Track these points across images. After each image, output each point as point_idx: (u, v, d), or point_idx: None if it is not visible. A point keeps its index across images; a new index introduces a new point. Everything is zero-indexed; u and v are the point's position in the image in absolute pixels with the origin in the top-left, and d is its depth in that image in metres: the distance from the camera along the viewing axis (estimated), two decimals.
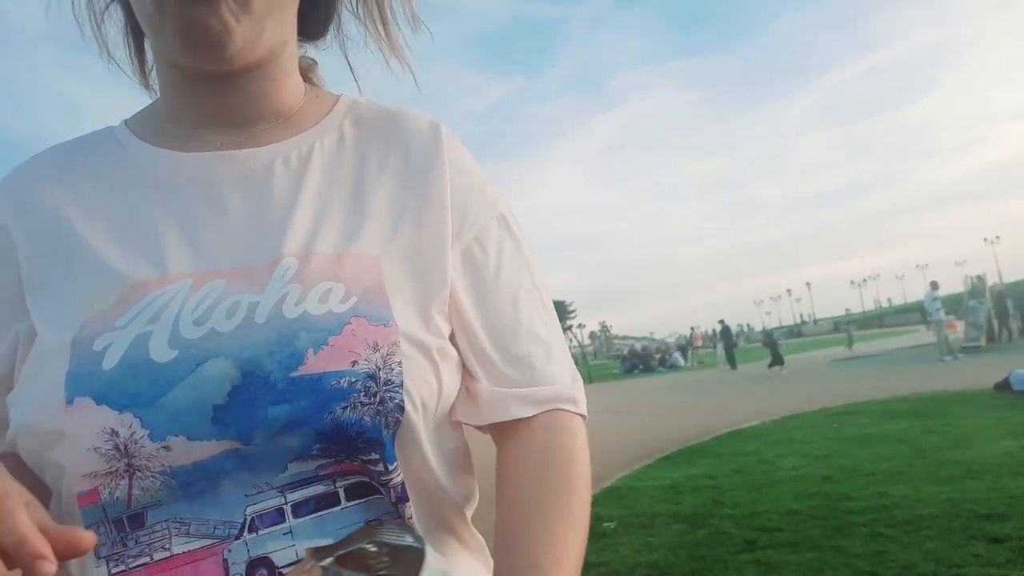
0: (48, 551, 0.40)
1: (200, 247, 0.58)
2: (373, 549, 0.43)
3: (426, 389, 0.57)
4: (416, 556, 0.43)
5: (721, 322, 26.65)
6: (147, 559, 0.53)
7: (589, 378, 27.31)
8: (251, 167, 0.62)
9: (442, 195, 0.64)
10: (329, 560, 0.42)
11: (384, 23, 0.70)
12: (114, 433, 0.50)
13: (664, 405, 13.87)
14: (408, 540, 0.45)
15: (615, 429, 10.41)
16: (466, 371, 0.65)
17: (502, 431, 0.65)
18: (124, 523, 0.53)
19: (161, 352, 0.52)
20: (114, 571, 0.53)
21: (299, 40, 0.70)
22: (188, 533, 0.53)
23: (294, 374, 0.52)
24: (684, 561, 3.71)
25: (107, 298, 0.55)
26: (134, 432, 0.51)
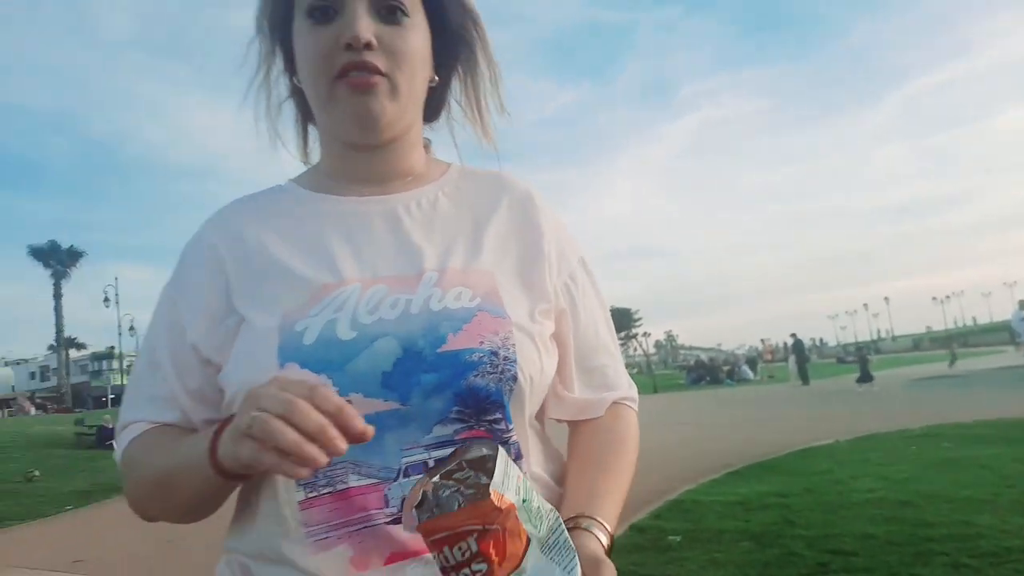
0: (359, 423, 0.59)
1: (363, 261, 0.79)
2: (462, 466, 0.61)
3: (533, 366, 0.77)
4: (490, 460, 0.60)
5: (793, 335, 25.87)
6: (331, 489, 0.70)
7: (654, 388, 26.95)
8: (393, 207, 0.85)
9: (539, 235, 0.87)
10: (436, 477, 0.60)
11: (479, 111, 0.91)
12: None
13: (732, 419, 13.59)
14: (484, 451, 0.62)
15: (681, 441, 10.26)
16: (557, 379, 0.87)
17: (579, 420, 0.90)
18: None
19: (345, 332, 0.72)
20: (309, 495, 0.71)
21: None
22: (360, 473, 0.71)
23: (439, 350, 0.72)
24: None
25: (301, 297, 0.75)
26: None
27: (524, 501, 0.62)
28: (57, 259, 49.25)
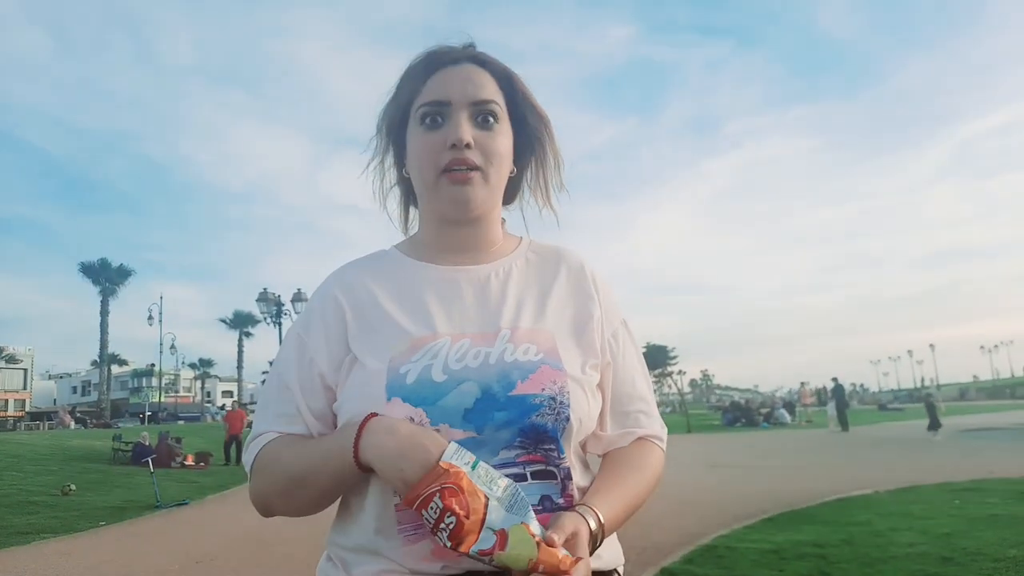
0: None
1: (452, 319, 0.98)
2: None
3: (583, 410, 0.95)
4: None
5: (835, 380, 25.23)
6: None
7: (688, 428, 26.51)
8: (477, 275, 1.04)
9: (590, 300, 1.07)
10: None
11: (547, 192, 1.12)
12: (411, 419, 0.88)
13: (768, 463, 13.29)
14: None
15: (714, 485, 10.06)
16: (597, 421, 1.03)
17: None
18: None
19: (438, 375, 0.91)
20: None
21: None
22: None
23: (510, 394, 0.90)
24: None
25: (403, 345, 0.95)
26: (423, 419, 0.88)
27: (472, 468, 0.81)
28: (107, 276, 50.50)
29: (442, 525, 0.78)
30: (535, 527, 0.80)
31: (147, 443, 14.73)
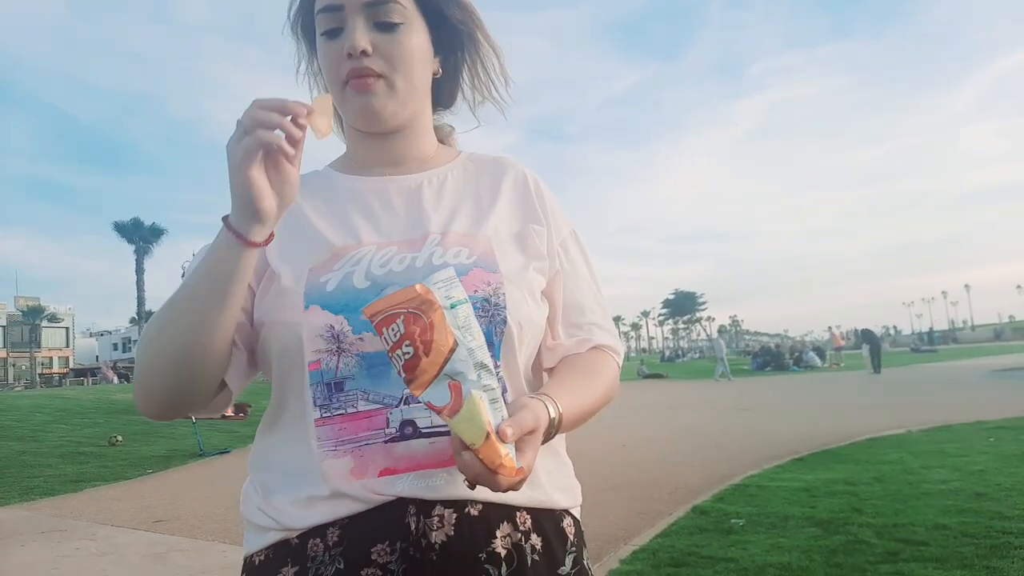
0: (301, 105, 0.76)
1: (380, 229, 0.94)
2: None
3: (522, 313, 0.88)
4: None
5: (865, 330, 25.04)
6: (342, 411, 0.83)
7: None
8: (408, 184, 0.99)
9: (534, 208, 1.00)
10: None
11: (489, 89, 1.06)
12: (331, 327, 0.83)
13: (797, 405, 13.30)
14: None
15: (744, 427, 10.11)
16: (548, 333, 0.97)
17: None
18: (332, 386, 0.84)
19: (360, 282, 0.86)
20: (323, 415, 0.84)
21: (437, 108, 1.08)
22: (368, 399, 0.83)
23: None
24: (819, 566, 3.58)
25: (324, 255, 0.90)
26: (343, 327, 0.83)
27: (452, 307, 0.71)
28: (140, 235, 51.32)
29: (399, 352, 0.70)
30: (492, 410, 0.70)
31: None
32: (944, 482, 5.31)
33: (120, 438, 10.84)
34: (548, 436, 0.79)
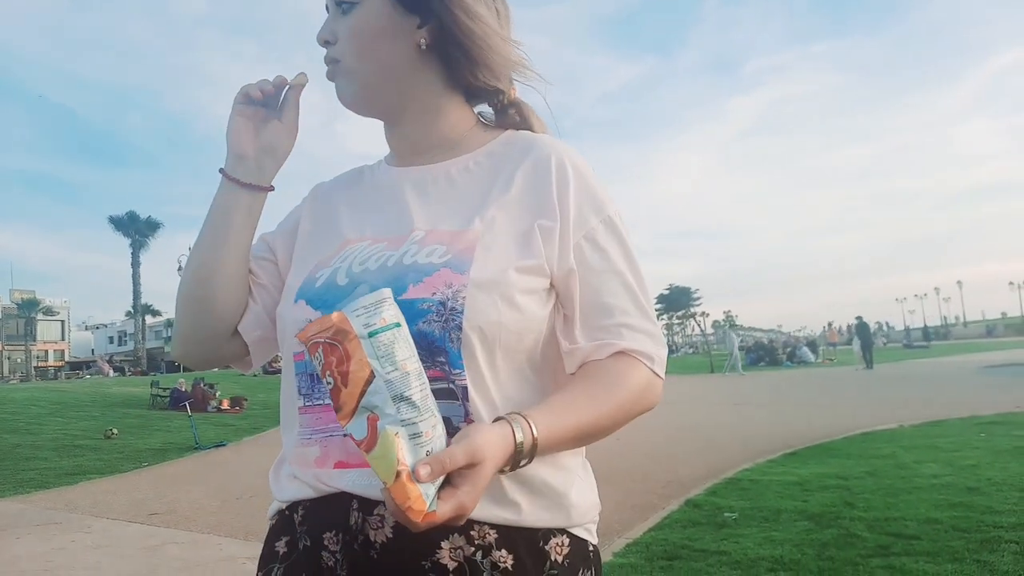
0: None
1: (381, 222, 0.94)
2: None
3: (484, 318, 0.79)
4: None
5: (859, 318, 25.12)
6: (321, 402, 0.86)
7: (711, 368, 26.59)
8: (423, 176, 0.96)
9: (550, 200, 0.88)
10: None
11: (486, 51, 0.94)
12: (309, 322, 0.77)
13: (791, 400, 13.36)
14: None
15: (737, 422, 10.16)
16: (564, 337, 0.88)
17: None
18: (314, 377, 0.86)
19: (342, 279, 0.88)
20: (306, 404, 0.87)
21: (500, 88, 0.98)
22: None
23: (399, 298, 0.77)
24: (811, 559, 3.61)
25: (331, 249, 0.94)
26: None
27: (371, 335, 0.67)
28: (136, 229, 51.02)
29: (325, 380, 0.68)
30: (410, 446, 0.66)
31: (184, 389, 15.13)
32: (936, 477, 5.35)
33: (115, 431, 10.83)
34: (516, 463, 0.73)
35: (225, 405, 15.06)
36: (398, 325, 0.70)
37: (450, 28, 0.91)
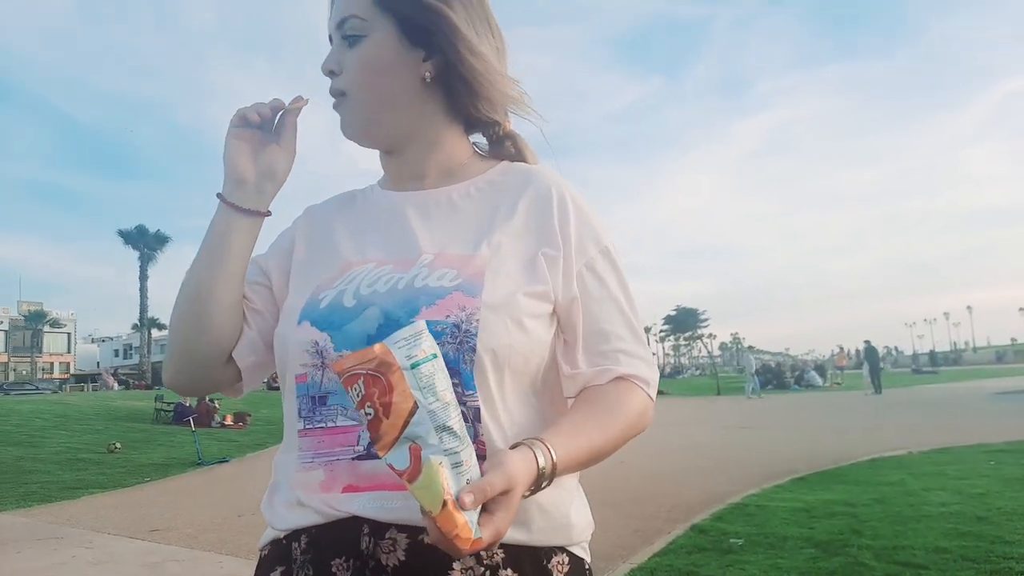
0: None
1: (385, 245, 0.94)
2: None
3: (496, 340, 0.82)
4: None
5: (867, 342, 24.98)
6: (323, 425, 0.85)
7: (718, 390, 26.45)
8: (425, 200, 0.98)
9: (551, 226, 0.92)
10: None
11: (486, 82, 0.96)
12: (315, 343, 0.85)
13: (798, 425, 13.25)
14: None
15: (744, 446, 10.06)
16: (565, 362, 0.92)
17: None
18: (316, 399, 0.86)
19: (348, 301, 0.87)
20: (306, 426, 0.86)
21: (497, 122, 1.01)
22: (346, 415, 0.84)
23: (412, 320, 0.80)
24: None
25: (332, 271, 0.93)
26: (327, 344, 0.85)
27: (413, 366, 0.68)
28: (145, 243, 51.43)
29: (363, 411, 0.69)
30: (453, 475, 0.68)
31: (187, 403, 15.12)
32: (944, 505, 5.28)
33: (119, 445, 10.82)
34: (538, 487, 0.76)
35: (228, 421, 15.03)
36: (435, 356, 0.71)
37: (454, 64, 0.94)
